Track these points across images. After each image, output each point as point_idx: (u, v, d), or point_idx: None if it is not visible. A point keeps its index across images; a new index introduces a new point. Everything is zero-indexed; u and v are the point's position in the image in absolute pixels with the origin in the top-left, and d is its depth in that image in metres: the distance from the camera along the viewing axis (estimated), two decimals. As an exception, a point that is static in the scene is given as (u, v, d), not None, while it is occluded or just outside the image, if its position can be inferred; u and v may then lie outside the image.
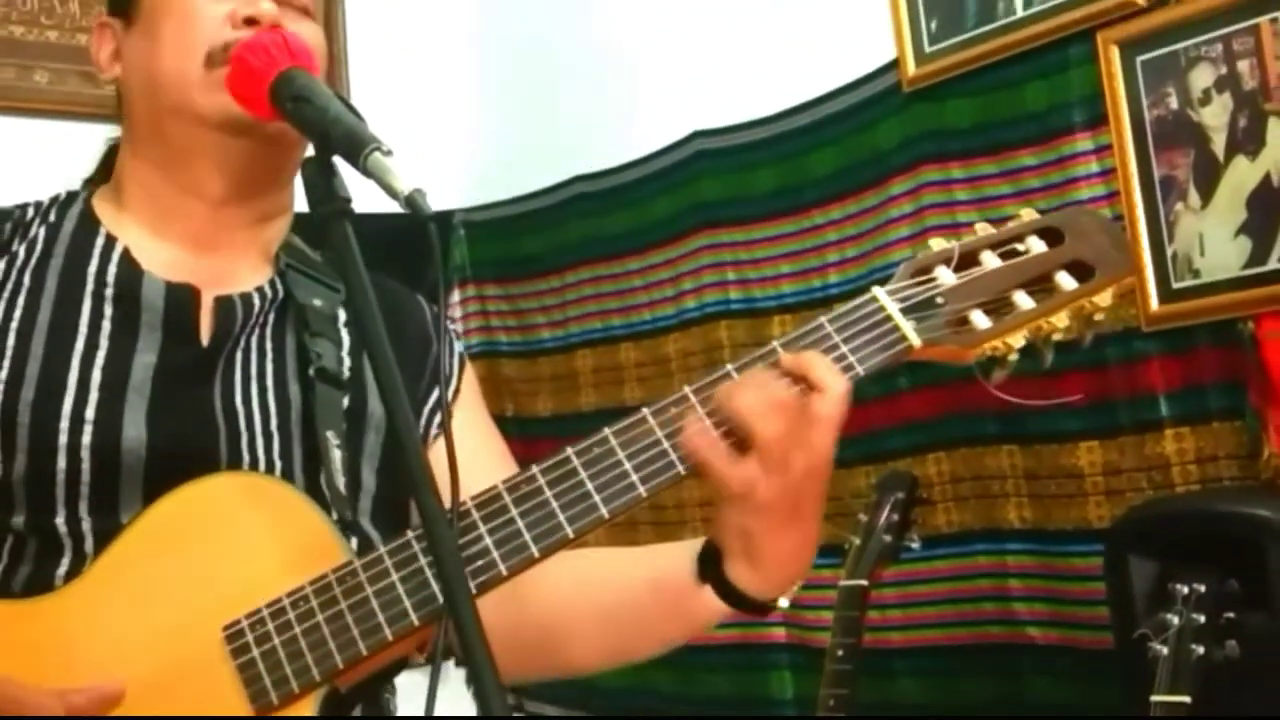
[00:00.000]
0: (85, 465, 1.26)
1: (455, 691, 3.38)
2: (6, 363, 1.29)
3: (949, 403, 2.57)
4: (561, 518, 1.19)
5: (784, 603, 1.26)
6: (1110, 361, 2.33)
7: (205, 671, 1.18)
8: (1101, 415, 2.35)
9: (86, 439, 1.26)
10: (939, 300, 1.24)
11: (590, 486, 1.19)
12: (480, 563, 1.18)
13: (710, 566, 1.26)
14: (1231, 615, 1.83)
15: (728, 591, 1.25)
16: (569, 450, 1.21)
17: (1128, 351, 2.31)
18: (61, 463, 1.25)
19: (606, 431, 1.21)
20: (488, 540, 1.18)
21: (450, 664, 1.42)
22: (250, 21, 1.34)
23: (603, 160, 3.27)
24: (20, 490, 1.25)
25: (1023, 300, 1.24)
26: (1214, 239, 2.20)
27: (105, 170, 1.49)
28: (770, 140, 2.90)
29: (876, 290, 1.25)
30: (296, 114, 1.20)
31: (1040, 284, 1.25)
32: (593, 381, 3.32)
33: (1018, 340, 1.25)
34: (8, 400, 1.27)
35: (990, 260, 1.26)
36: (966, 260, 1.26)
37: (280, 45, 1.26)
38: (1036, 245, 1.27)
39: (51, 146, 1.49)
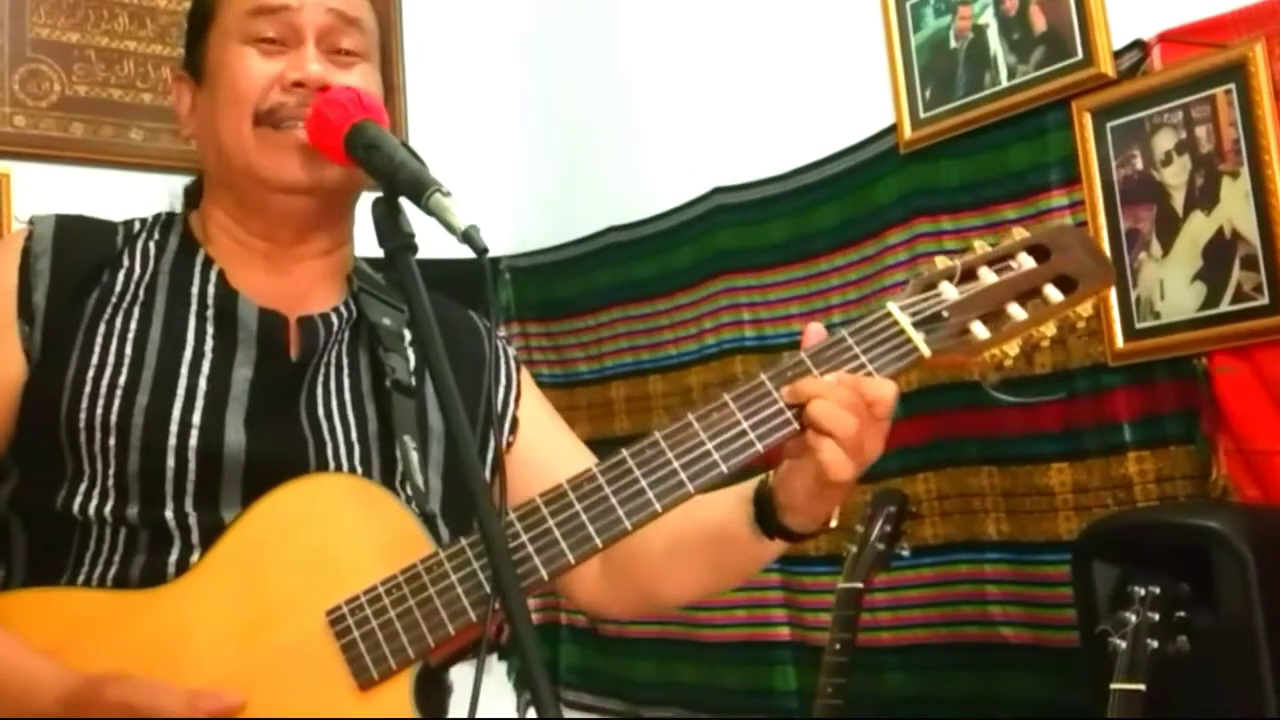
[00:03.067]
0: (192, 465, 1.26)
1: (497, 679, 3.40)
2: (125, 370, 1.29)
3: (936, 430, 2.58)
4: (620, 512, 1.20)
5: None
6: (1080, 393, 2.35)
7: (311, 653, 1.19)
8: (1072, 440, 2.36)
9: (193, 442, 1.26)
10: (944, 314, 1.25)
11: (644, 483, 1.20)
12: (550, 552, 1.19)
13: (766, 520, 1.29)
14: (1182, 614, 1.83)
15: (785, 533, 1.29)
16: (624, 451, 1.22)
17: (1095, 384, 2.32)
18: (171, 462, 1.26)
19: (657, 435, 1.22)
20: (556, 533, 1.19)
21: (493, 658, 1.44)
22: (298, 85, 1.33)
23: (632, 213, 3.29)
24: (134, 484, 1.25)
25: (1016, 312, 1.25)
26: (1173, 284, 2.22)
27: (193, 199, 1.48)
28: (782, 196, 2.92)
29: (890, 305, 1.26)
30: (367, 160, 1.22)
31: (1031, 296, 1.27)
32: (625, 409, 3.33)
33: (1013, 348, 1.26)
34: (124, 405, 1.27)
35: (987, 275, 1.27)
36: (966, 275, 1.27)
37: (355, 101, 1.26)
38: (1027, 261, 1.28)
39: (145, 197, 1.49)
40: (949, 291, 1.26)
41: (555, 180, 3.56)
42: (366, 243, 1.37)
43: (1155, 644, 1.82)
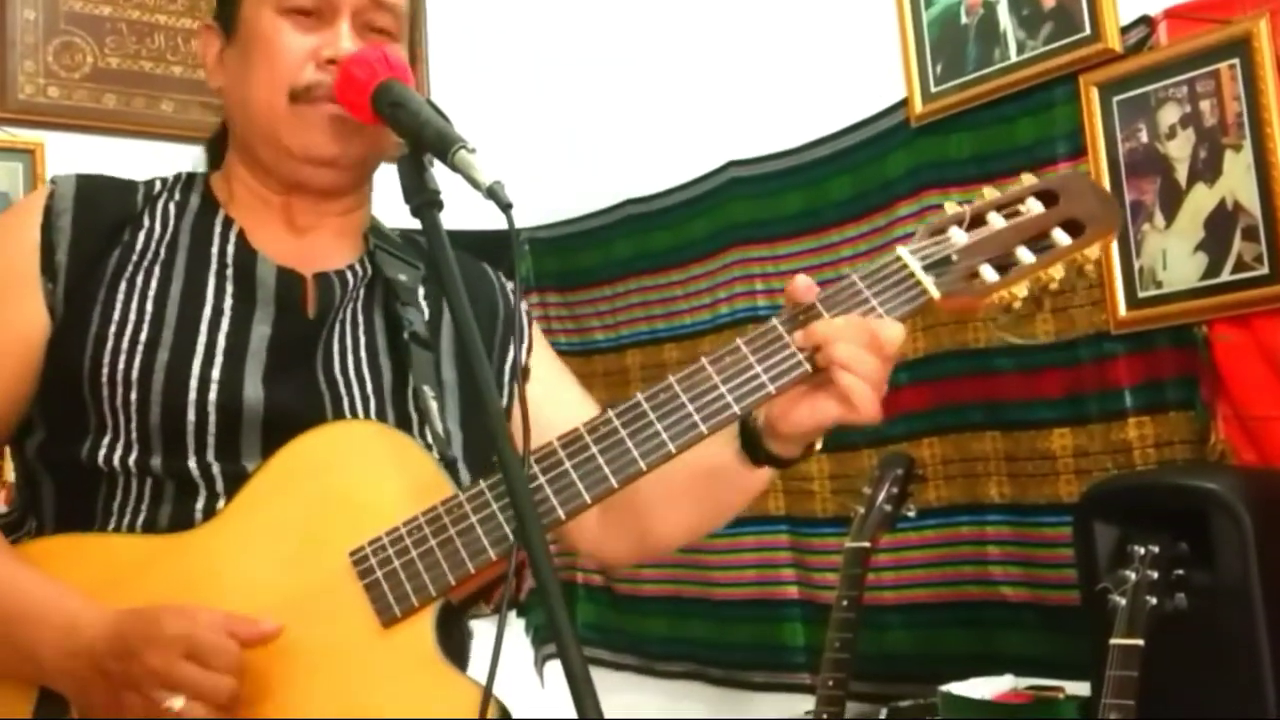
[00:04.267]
0: (212, 419, 1.25)
1: (515, 633, 3.42)
2: (146, 327, 1.28)
3: (941, 396, 2.58)
4: (635, 453, 1.19)
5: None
6: (1083, 360, 2.35)
7: (336, 591, 1.18)
8: (1074, 406, 2.36)
9: (213, 396, 1.25)
10: (954, 257, 1.23)
11: (659, 427, 1.19)
12: (567, 493, 1.19)
13: (754, 450, 1.28)
14: (1181, 572, 1.83)
15: (772, 460, 1.28)
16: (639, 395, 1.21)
17: (1098, 352, 2.32)
18: (191, 415, 1.25)
19: (671, 379, 1.21)
20: (573, 474, 1.19)
21: (513, 614, 1.43)
22: (332, 62, 1.30)
23: (649, 186, 3.29)
24: (156, 437, 1.25)
25: (1025, 255, 1.24)
26: (1175, 255, 2.21)
27: (217, 152, 1.45)
28: (795, 169, 2.91)
29: (900, 249, 1.24)
30: (393, 118, 1.20)
31: (1039, 240, 1.25)
32: (640, 377, 3.33)
33: (1021, 290, 1.25)
34: (145, 359, 1.26)
35: (996, 220, 1.25)
36: (976, 221, 1.26)
37: (381, 60, 1.25)
38: (1035, 206, 1.26)
39: (175, 167, 1.47)
40: (958, 236, 1.24)
41: (574, 155, 3.55)
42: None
43: (1154, 601, 1.82)
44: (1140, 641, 1.80)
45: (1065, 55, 2.35)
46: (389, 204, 1.45)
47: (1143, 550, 1.85)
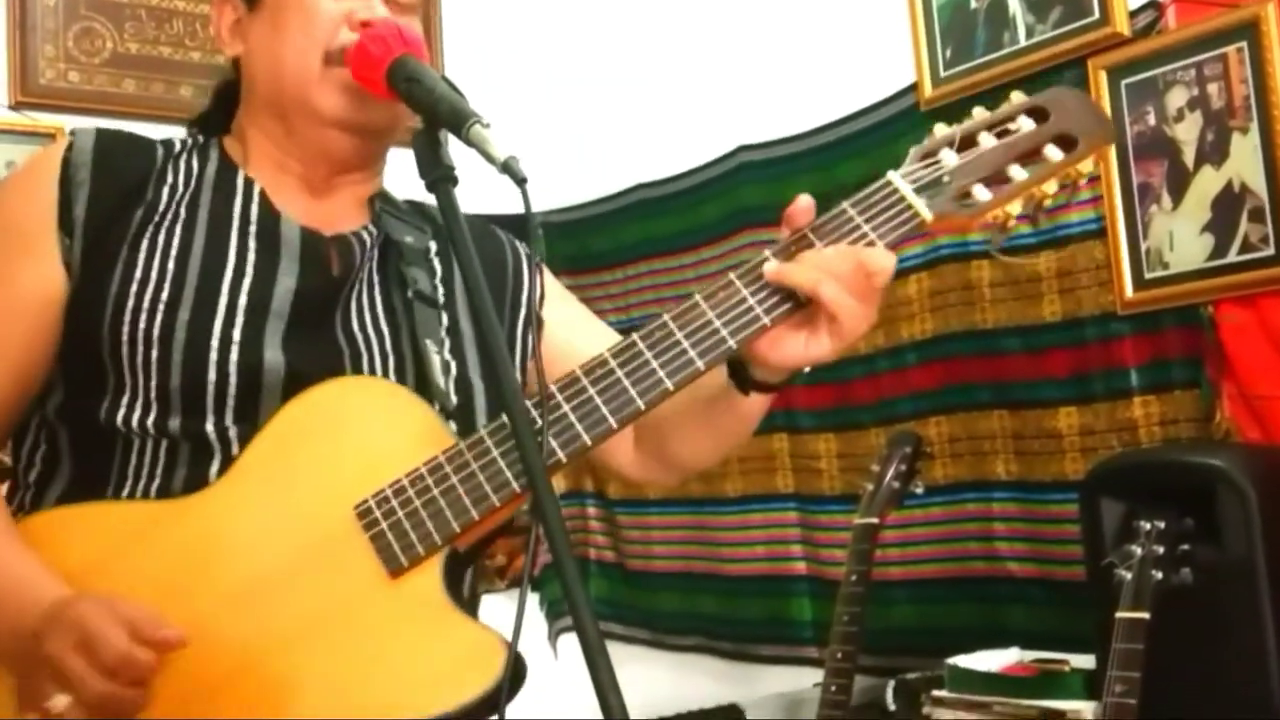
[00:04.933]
0: (232, 380, 1.23)
1: (529, 608, 3.41)
2: (167, 285, 1.25)
3: (949, 376, 2.58)
4: (633, 392, 1.18)
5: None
6: (1090, 340, 2.34)
7: (342, 545, 1.17)
8: (1080, 385, 2.36)
9: (234, 356, 1.23)
10: (945, 179, 1.20)
11: (655, 365, 1.18)
12: (567, 435, 1.17)
13: (739, 379, 1.27)
14: (1186, 547, 1.83)
15: (759, 388, 1.26)
16: (635, 337, 1.20)
17: (1105, 332, 2.32)
18: (212, 375, 1.22)
19: (666, 317, 1.20)
20: (571, 416, 1.18)
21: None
22: (366, 25, 1.29)
23: (660, 171, 3.28)
24: (175, 397, 1.22)
25: (1017, 172, 1.21)
26: (1182, 236, 2.21)
27: (219, 115, 1.42)
28: (805, 153, 2.90)
29: (891, 174, 1.21)
30: (408, 93, 1.19)
31: (1032, 157, 1.22)
32: (651, 359, 3.33)
33: (1015, 208, 1.22)
34: (166, 319, 1.24)
35: (987, 140, 1.22)
36: (966, 142, 1.22)
37: (395, 35, 1.23)
38: (1026, 123, 1.23)
39: None
40: (949, 157, 1.21)
41: (586, 140, 3.54)
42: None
43: (1160, 575, 1.81)
44: (1146, 615, 1.80)
45: (1074, 39, 2.34)
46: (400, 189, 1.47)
47: (1148, 526, 1.85)
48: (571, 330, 1.43)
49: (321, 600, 1.16)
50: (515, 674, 1.12)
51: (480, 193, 1.42)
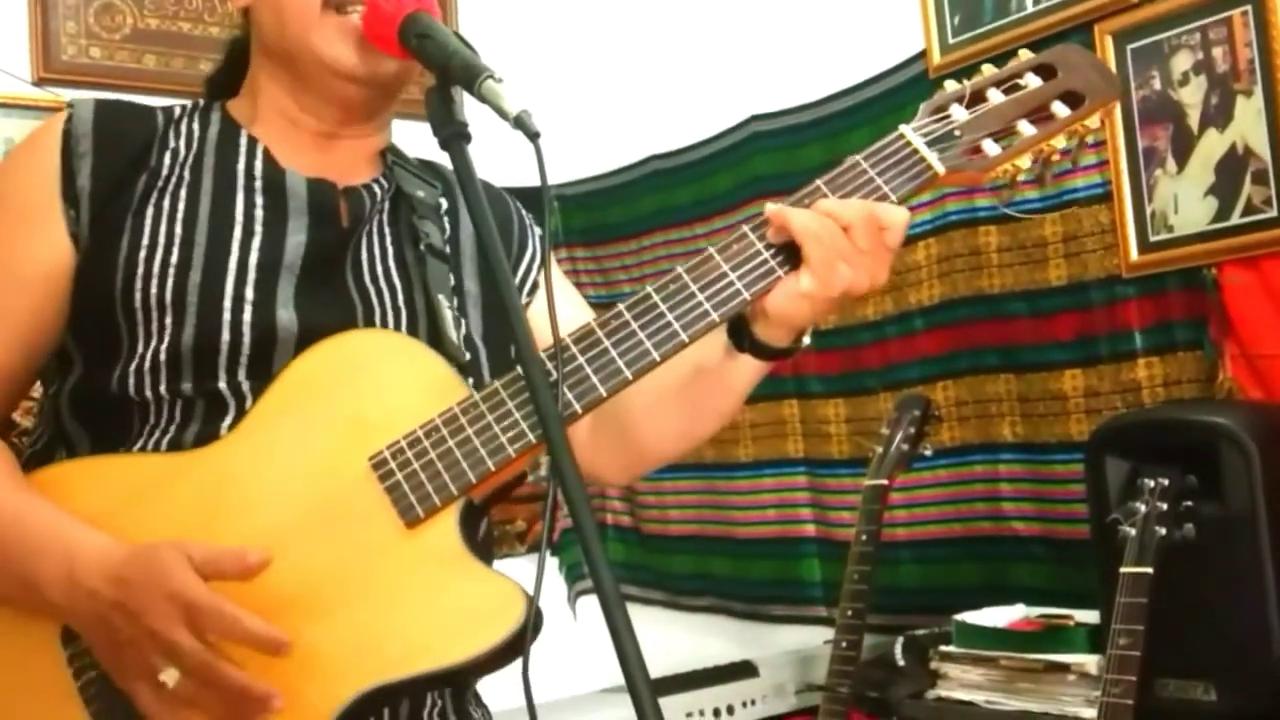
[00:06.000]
0: (246, 338, 1.21)
1: (548, 572, 3.43)
2: (176, 249, 1.23)
3: (956, 341, 2.58)
4: (648, 344, 1.16)
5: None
6: (1095, 304, 2.34)
7: (357, 496, 1.16)
8: (1085, 348, 2.35)
9: (247, 315, 1.21)
10: (956, 133, 1.21)
11: (670, 316, 1.16)
12: (582, 387, 1.16)
13: (739, 338, 1.24)
14: (1189, 504, 1.83)
15: (759, 350, 1.23)
16: (649, 287, 1.18)
17: (1110, 295, 2.31)
18: (226, 335, 1.21)
19: (679, 269, 1.18)
20: (587, 369, 1.16)
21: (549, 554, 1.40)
22: None
23: (673, 141, 3.26)
24: (188, 359, 1.20)
25: (1025, 128, 1.21)
26: (1186, 199, 2.19)
27: (230, 76, 1.40)
28: (816, 121, 2.88)
29: (903, 128, 1.21)
30: (420, 49, 1.16)
31: (1039, 113, 1.22)
32: (666, 327, 3.33)
33: (1025, 162, 1.22)
34: (177, 283, 1.22)
35: (996, 96, 1.22)
36: (976, 98, 1.23)
37: None
38: (1034, 80, 1.23)
39: None
40: (959, 113, 1.21)
41: (599, 111, 3.52)
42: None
43: (1163, 531, 1.81)
44: (1150, 570, 1.80)
45: (1080, 5, 2.32)
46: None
47: (1152, 483, 1.85)
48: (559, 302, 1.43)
49: (339, 552, 1.14)
50: (534, 623, 1.11)
51: (492, 163, 1.41)
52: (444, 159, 1.18)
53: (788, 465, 2.99)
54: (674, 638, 3.11)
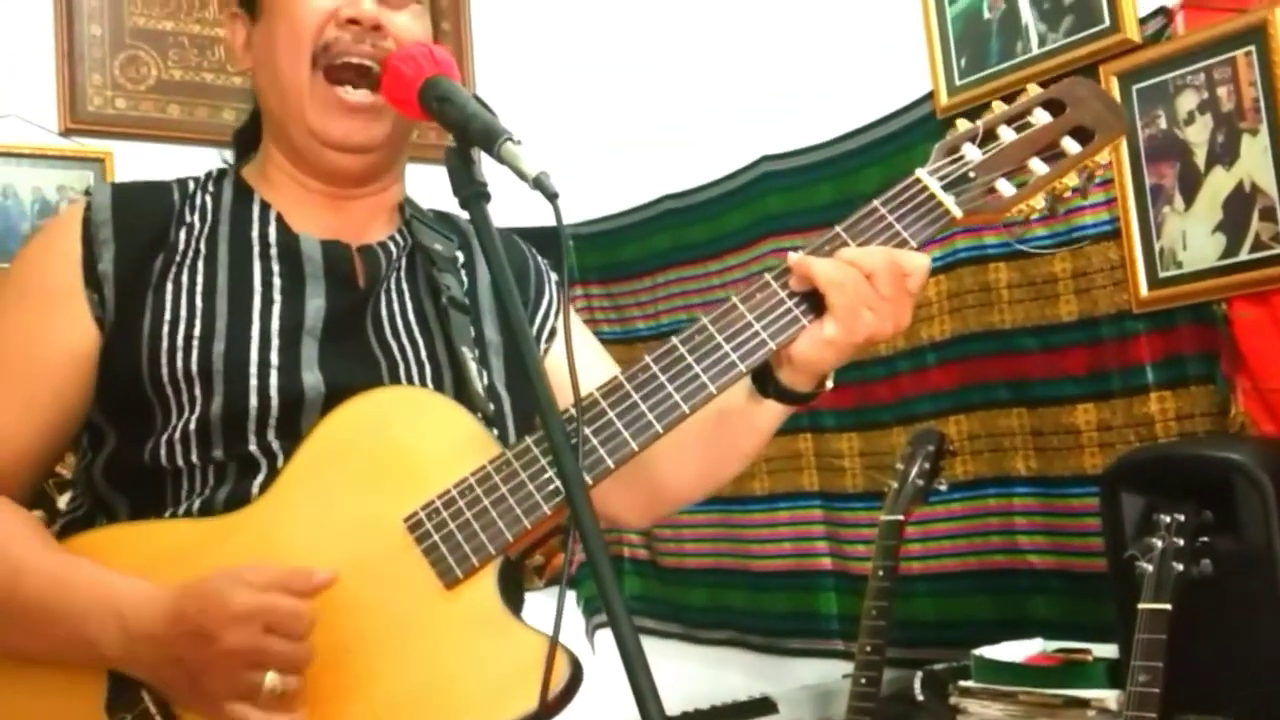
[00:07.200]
0: (274, 402, 1.22)
1: (567, 604, 3.40)
2: (199, 322, 1.24)
3: (968, 375, 2.56)
4: (677, 397, 1.16)
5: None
6: (1106, 339, 2.32)
7: (395, 558, 1.14)
8: (1097, 382, 2.33)
9: (274, 380, 1.22)
10: (971, 175, 1.21)
11: (698, 369, 1.17)
12: (614, 443, 1.16)
13: (763, 384, 1.24)
14: (1206, 539, 1.82)
15: (783, 395, 1.24)
16: (675, 340, 1.18)
17: (1120, 330, 2.29)
18: (254, 401, 1.21)
19: (704, 319, 1.18)
20: (617, 424, 1.16)
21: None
22: (353, 21, 1.28)
23: (686, 181, 3.26)
24: (218, 427, 1.21)
25: (1038, 166, 1.22)
26: (1195, 236, 2.18)
27: (245, 144, 1.42)
28: (826, 161, 2.87)
29: (919, 172, 1.21)
30: (440, 113, 1.17)
31: (1050, 149, 1.22)
32: (679, 364, 3.32)
33: (1039, 201, 1.23)
34: (202, 354, 1.22)
35: (1007, 134, 1.23)
36: (988, 135, 1.23)
37: (426, 55, 1.21)
38: (1043, 116, 1.24)
39: None
40: (972, 153, 1.22)
41: (615, 153, 3.53)
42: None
43: (1180, 567, 1.80)
44: (1168, 606, 1.79)
45: (1085, 46, 2.31)
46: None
47: (1168, 519, 1.84)
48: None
49: (379, 614, 1.14)
50: (573, 675, 1.11)
51: (510, 206, 1.41)
52: (458, 207, 1.18)
53: (803, 498, 2.97)
54: (691, 672, 3.08)
